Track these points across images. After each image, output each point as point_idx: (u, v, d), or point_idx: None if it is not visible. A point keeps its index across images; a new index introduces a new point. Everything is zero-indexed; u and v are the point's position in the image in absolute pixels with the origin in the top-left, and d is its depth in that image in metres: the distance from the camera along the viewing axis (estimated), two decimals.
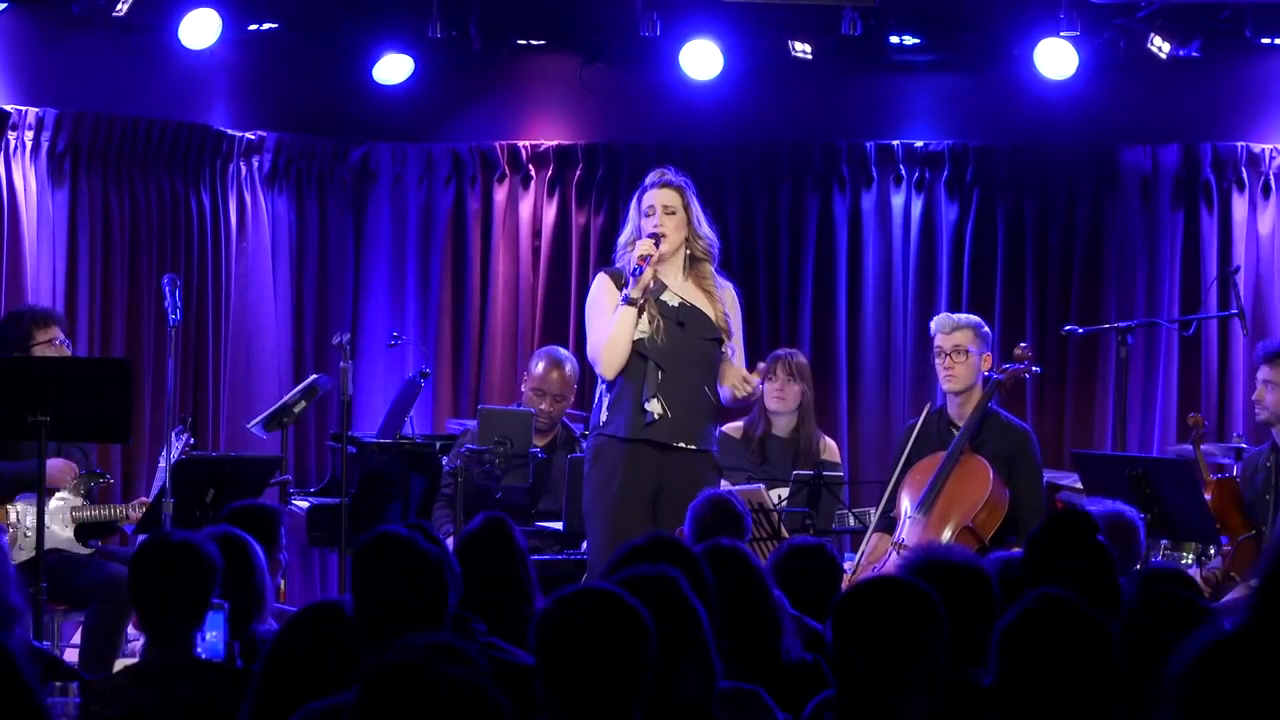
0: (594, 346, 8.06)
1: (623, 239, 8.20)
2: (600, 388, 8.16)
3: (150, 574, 5.24)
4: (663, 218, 8.00)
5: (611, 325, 7.93)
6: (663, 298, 7.99)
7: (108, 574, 8.47)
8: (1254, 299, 11.08)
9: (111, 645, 8.46)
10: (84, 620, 8.61)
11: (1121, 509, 7.35)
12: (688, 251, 8.09)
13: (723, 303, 8.14)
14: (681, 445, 7.92)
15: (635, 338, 8.01)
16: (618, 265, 8.19)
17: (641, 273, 7.90)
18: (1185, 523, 8.29)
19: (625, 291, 7.95)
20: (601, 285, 8.17)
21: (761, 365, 8.72)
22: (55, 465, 8.65)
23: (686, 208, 8.05)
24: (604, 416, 8.04)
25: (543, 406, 9.66)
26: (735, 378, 8.16)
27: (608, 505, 7.90)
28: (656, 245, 7.97)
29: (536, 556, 7.79)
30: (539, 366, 9.82)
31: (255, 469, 8.71)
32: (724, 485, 9.00)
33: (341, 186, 11.83)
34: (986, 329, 9.17)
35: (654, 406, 7.91)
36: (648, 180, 8.20)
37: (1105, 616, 4.16)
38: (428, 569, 4.75)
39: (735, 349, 8.19)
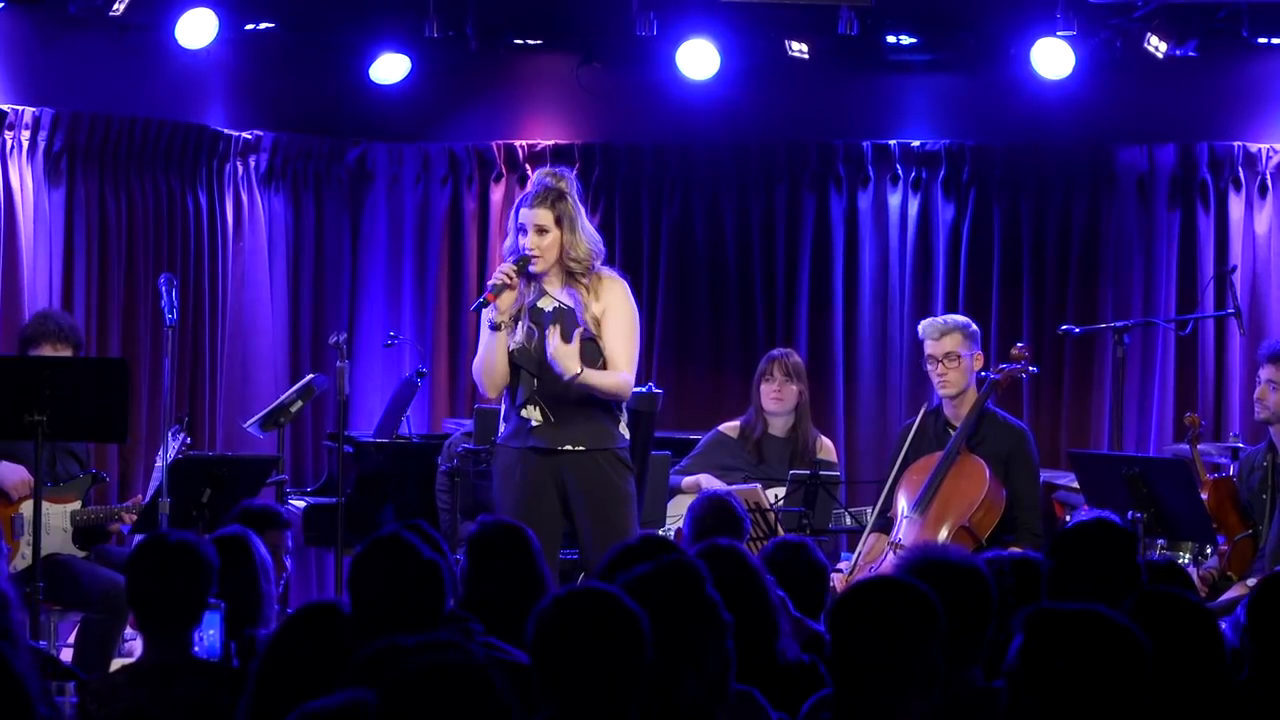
0: (473, 370, 8.01)
1: (506, 249, 8.03)
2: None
3: (148, 574, 5.24)
4: (534, 238, 7.86)
5: (480, 350, 7.86)
6: (539, 304, 7.87)
7: (104, 576, 8.46)
8: (1250, 298, 11.08)
9: (107, 647, 8.45)
10: (80, 622, 8.60)
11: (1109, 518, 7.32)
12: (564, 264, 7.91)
13: (599, 297, 7.94)
14: (569, 448, 7.83)
15: (509, 348, 7.87)
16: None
17: (487, 299, 7.78)
18: (1182, 522, 8.28)
19: (490, 318, 7.84)
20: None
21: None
22: (12, 471, 8.62)
23: (559, 222, 7.86)
24: (501, 428, 7.99)
25: None
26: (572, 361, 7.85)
27: (514, 497, 7.83)
28: (530, 266, 7.82)
29: None
30: None
31: (252, 469, 8.68)
32: (720, 485, 9.02)
33: (338, 186, 11.83)
34: (974, 326, 9.16)
35: (531, 413, 7.82)
36: (531, 184, 7.96)
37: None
38: (422, 572, 4.80)
39: (611, 344, 7.88)
